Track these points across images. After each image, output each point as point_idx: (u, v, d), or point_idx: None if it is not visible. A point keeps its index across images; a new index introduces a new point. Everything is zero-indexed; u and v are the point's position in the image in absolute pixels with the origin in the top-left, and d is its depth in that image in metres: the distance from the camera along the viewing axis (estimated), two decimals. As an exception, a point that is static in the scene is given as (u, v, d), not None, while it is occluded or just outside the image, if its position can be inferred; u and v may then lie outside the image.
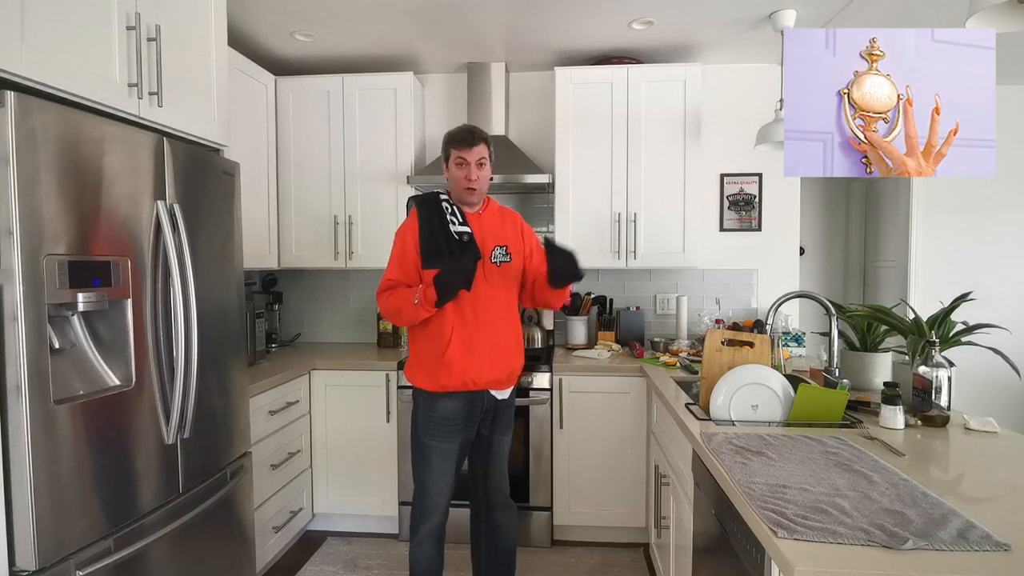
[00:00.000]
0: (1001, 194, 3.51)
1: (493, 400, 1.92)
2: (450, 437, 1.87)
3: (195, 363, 1.61)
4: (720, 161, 3.09)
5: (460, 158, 1.84)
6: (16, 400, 1.18)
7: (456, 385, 1.83)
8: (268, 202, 2.87)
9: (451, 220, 1.86)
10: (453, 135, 1.88)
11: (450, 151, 1.87)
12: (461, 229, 1.86)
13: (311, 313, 3.36)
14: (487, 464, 1.98)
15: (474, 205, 1.91)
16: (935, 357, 1.66)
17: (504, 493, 2.02)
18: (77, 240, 1.31)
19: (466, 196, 1.87)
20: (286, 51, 2.87)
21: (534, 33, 2.67)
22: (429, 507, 1.88)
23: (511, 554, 2.04)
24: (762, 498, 1.09)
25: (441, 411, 1.85)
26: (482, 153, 1.85)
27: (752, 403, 1.64)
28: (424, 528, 1.89)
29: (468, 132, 1.86)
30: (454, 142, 1.86)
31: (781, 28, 2.46)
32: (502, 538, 2.02)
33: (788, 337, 2.87)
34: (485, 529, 2.03)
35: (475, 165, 1.84)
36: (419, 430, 1.89)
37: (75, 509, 1.29)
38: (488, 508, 2.01)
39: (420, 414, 1.89)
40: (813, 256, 4.85)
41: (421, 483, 1.89)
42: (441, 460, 1.87)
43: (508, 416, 1.99)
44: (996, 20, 1.33)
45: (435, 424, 1.86)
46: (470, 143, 1.83)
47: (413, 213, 1.91)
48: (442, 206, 1.87)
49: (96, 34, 1.41)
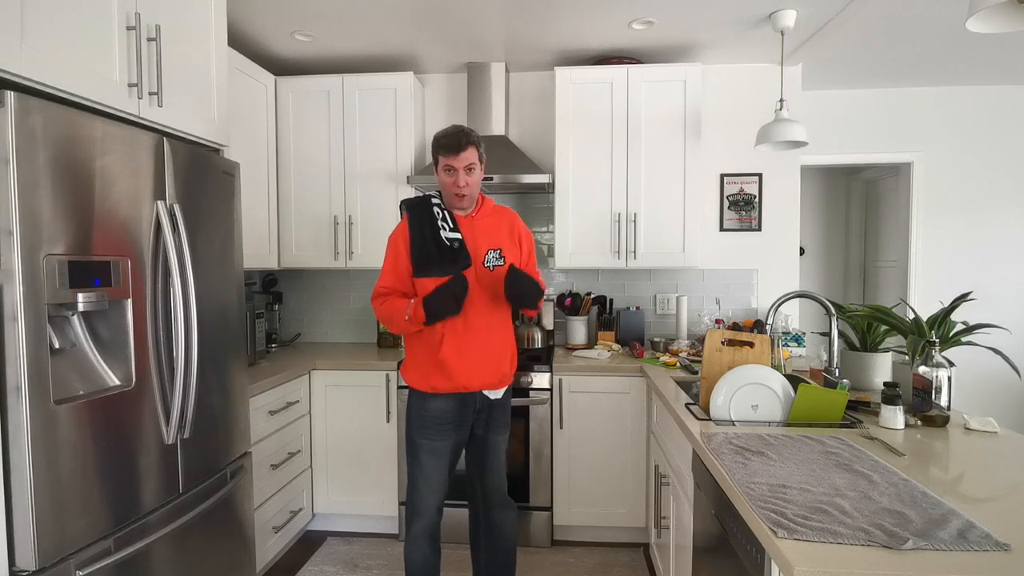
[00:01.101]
0: (1001, 194, 3.51)
1: (487, 400, 1.92)
2: (441, 436, 1.87)
3: (195, 363, 1.61)
4: (720, 161, 3.09)
5: (448, 165, 1.80)
6: (16, 400, 1.18)
7: (448, 388, 1.84)
8: (268, 202, 2.87)
9: (442, 226, 1.84)
10: (439, 140, 1.81)
11: (438, 157, 1.82)
12: (452, 235, 1.84)
13: (311, 313, 3.36)
14: (483, 463, 1.98)
15: (466, 209, 1.89)
16: (935, 357, 1.66)
17: (502, 492, 2.02)
18: (77, 240, 1.31)
19: (456, 202, 1.86)
20: (286, 51, 2.87)
21: (534, 33, 2.67)
22: (420, 506, 1.89)
23: (511, 553, 2.04)
24: (762, 498, 1.09)
25: (432, 410, 1.86)
26: (471, 158, 1.80)
27: (752, 403, 1.64)
28: (416, 527, 1.89)
29: (455, 137, 1.78)
30: (440, 149, 1.80)
31: (781, 28, 2.46)
32: (501, 537, 2.02)
33: (788, 337, 2.87)
34: (484, 528, 2.03)
35: (463, 171, 1.79)
36: (411, 428, 1.90)
37: (75, 509, 1.29)
38: (486, 507, 2.01)
39: (413, 413, 1.91)
40: (813, 256, 4.86)
41: (412, 482, 1.91)
42: (432, 459, 1.87)
43: (503, 415, 1.99)
44: (996, 20, 1.33)
45: (427, 422, 1.86)
46: (456, 149, 1.77)
47: (404, 218, 1.90)
48: (433, 211, 1.86)
49: (96, 34, 1.41)
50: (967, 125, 3.48)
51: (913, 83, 3.39)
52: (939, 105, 3.47)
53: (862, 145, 3.53)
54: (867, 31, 2.59)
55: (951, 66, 3.09)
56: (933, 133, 3.49)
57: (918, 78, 3.30)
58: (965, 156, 3.50)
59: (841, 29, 2.52)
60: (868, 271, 4.61)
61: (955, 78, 3.30)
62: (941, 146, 3.50)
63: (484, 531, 2.03)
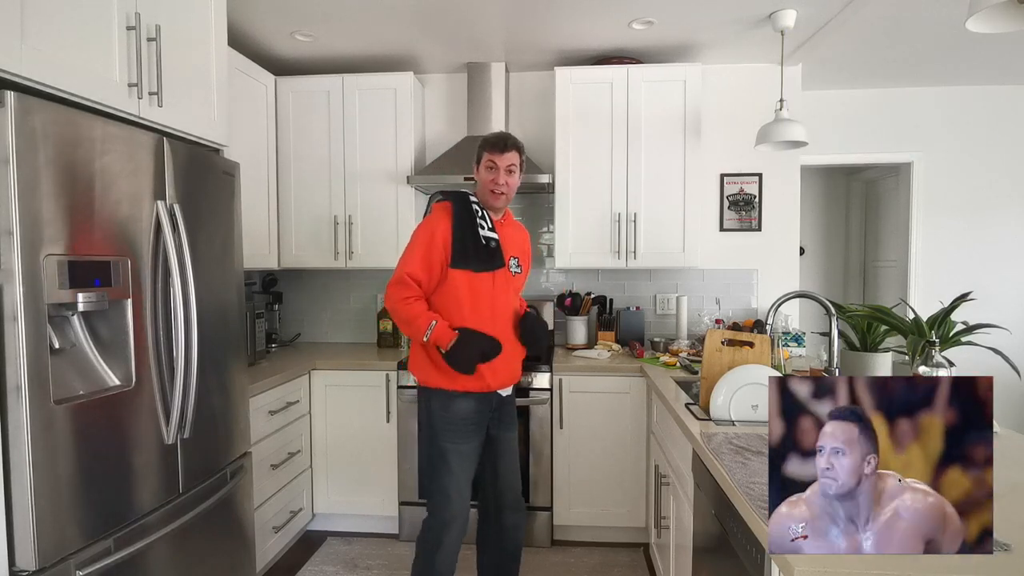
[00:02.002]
0: (1001, 194, 3.51)
1: (499, 398, 1.95)
2: (469, 438, 1.86)
3: (195, 363, 1.61)
4: (720, 161, 3.09)
5: (491, 161, 1.86)
6: (16, 400, 1.18)
7: (477, 387, 1.85)
8: (268, 202, 2.87)
9: (480, 224, 1.86)
10: (487, 139, 1.91)
11: (482, 153, 1.89)
12: (489, 235, 1.86)
13: (311, 313, 3.36)
14: (497, 462, 1.98)
15: (499, 211, 1.93)
16: (935, 357, 1.66)
17: (516, 492, 2.02)
18: (77, 240, 1.31)
19: (492, 200, 1.88)
20: (286, 51, 2.87)
21: (534, 33, 2.67)
22: (454, 514, 1.85)
23: (518, 557, 2.04)
24: (762, 498, 1.09)
25: (457, 411, 1.85)
26: (513, 160, 1.87)
27: (752, 403, 1.64)
28: (449, 537, 1.85)
29: (502, 137, 1.89)
30: (487, 145, 1.89)
31: (781, 28, 2.46)
32: (510, 540, 2.01)
33: (788, 337, 2.87)
34: (494, 530, 2.02)
35: (504, 171, 1.86)
36: (437, 433, 1.86)
37: (75, 509, 1.29)
38: (498, 508, 2.00)
39: (436, 417, 1.86)
40: (813, 256, 4.86)
41: (442, 490, 1.84)
42: (462, 463, 1.85)
43: (512, 412, 2.02)
44: (996, 20, 1.33)
45: (456, 425, 1.84)
46: (502, 148, 1.86)
47: (446, 208, 1.86)
48: (472, 207, 1.87)
49: (96, 34, 1.41)
50: (967, 125, 3.48)
51: (913, 83, 3.39)
52: (939, 105, 3.47)
53: (862, 145, 3.53)
54: (867, 31, 2.59)
55: (951, 66, 3.09)
56: (933, 133, 3.49)
57: (918, 78, 3.30)
58: (965, 156, 3.50)
59: (841, 29, 2.52)
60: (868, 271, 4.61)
61: (955, 78, 3.30)
62: (941, 146, 3.50)
63: (494, 533, 2.02)
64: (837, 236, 4.85)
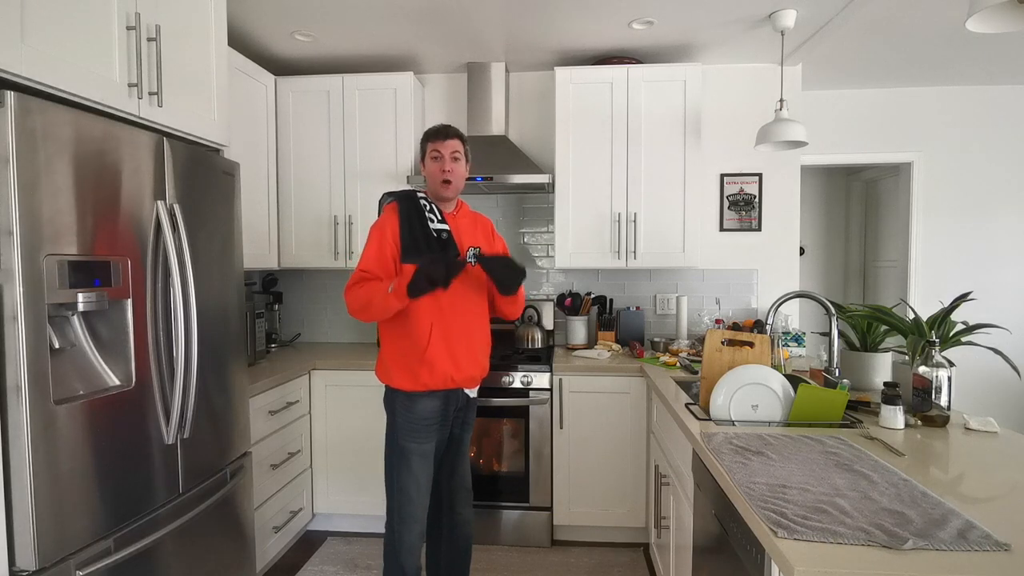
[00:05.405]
0: (1001, 194, 3.51)
1: (465, 398, 1.95)
2: (429, 438, 1.87)
3: (195, 363, 1.61)
4: (720, 161, 3.09)
5: (435, 151, 1.88)
6: (16, 400, 1.18)
7: (437, 383, 1.83)
8: (268, 202, 2.87)
9: (430, 218, 1.86)
10: (428, 131, 1.93)
11: (426, 145, 1.91)
12: (440, 227, 1.87)
13: (311, 313, 3.36)
14: (454, 462, 2.00)
15: (450, 201, 1.93)
16: (935, 357, 1.66)
17: (469, 490, 2.05)
18: (77, 240, 1.31)
19: (442, 190, 1.88)
20: (286, 51, 2.87)
21: (534, 33, 2.67)
22: (414, 514, 1.86)
23: (469, 552, 2.08)
24: (762, 498, 1.09)
25: (420, 411, 1.84)
26: (456, 147, 1.89)
27: (752, 403, 1.64)
28: (411, 536, 1.86)
29: (443, 127, 1.91)
30: (429, 136, 1.91)
31: (781, 28, 2.46)
32: (462, 537, 2.04)
33: (788, 337, 2.87)
34: (447, 527, 2.04)
35: (449, 158, 1.87)
36: (398, 433, 1.86)
37: (75, 509, 1.29)
38: (451, 506, 2.03)
39: (399, 417, 1.86)
40: (813, 256, 4.86)
41: (404, 490, 1.85)
42: (422, 463, 1.86)
43: (473, 414, 2.04)
44: (996, 20, 1.33)
45: (416, 425, 1.84)
46: (444, 136, 1.89)
47: (392, 207, 1.89)
48: (420, 203, 1.88)
49: (96, 34, 1.41)
50: (967, 125, 3.48)
51: (913, 83, 3.39)
52: (939, 105, 3.47)
53: (862, 145, 3.53)
54: (867, 31, 2.59)
55: (951, 66, 3.09)
56: (933, 133, 3.49)
57: (918, 78, 3.30)
58: (965, 156, 3.50)
59: (841, 29, 2.52)
60: (868, 271, 4.61)
61: (955, 78, 3.30)
62: (941, 146, 3.50)
63: (447, 530, 2.05)
64: (837, 236, 4.85)
